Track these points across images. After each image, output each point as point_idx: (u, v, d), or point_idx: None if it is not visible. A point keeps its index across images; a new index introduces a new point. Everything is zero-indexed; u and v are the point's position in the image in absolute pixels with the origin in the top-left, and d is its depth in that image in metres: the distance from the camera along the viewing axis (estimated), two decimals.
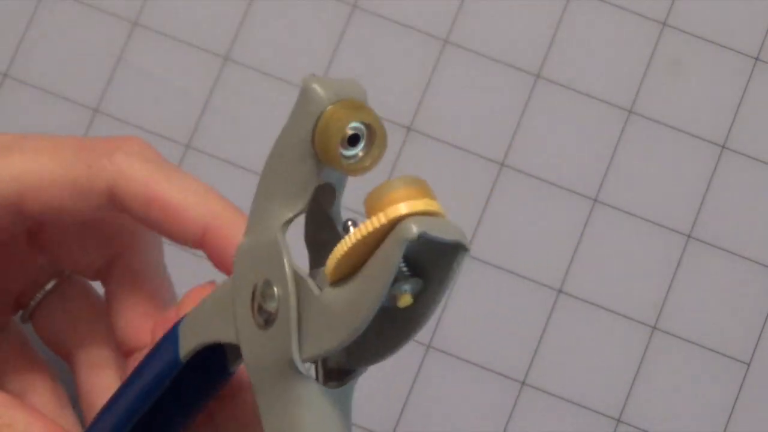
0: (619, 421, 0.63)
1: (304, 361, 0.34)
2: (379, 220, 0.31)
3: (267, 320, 0.34)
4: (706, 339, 0.63)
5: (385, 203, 0.31)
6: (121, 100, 0.65)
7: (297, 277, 0.34)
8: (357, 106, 0.33)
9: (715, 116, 0.65)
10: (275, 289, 0.34)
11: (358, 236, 0.32)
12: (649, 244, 0.64)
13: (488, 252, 0.63)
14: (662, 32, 0.66)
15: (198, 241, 0.42)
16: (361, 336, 0.33)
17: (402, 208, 0.31)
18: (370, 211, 0.32)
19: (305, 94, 0.34)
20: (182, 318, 0.38)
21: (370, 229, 0.31)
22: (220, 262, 0.41)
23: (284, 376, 0.33)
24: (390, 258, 0.31)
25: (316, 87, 0.34)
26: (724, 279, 0.64)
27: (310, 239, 0.36)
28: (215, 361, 0.39)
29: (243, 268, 0.35)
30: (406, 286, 0.33)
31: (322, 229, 0.36)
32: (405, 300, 0.33)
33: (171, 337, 0.38)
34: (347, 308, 0.32)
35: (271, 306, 0.34)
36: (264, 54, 0.65)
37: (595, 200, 0.64)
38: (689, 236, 0.64)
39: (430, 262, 0.33)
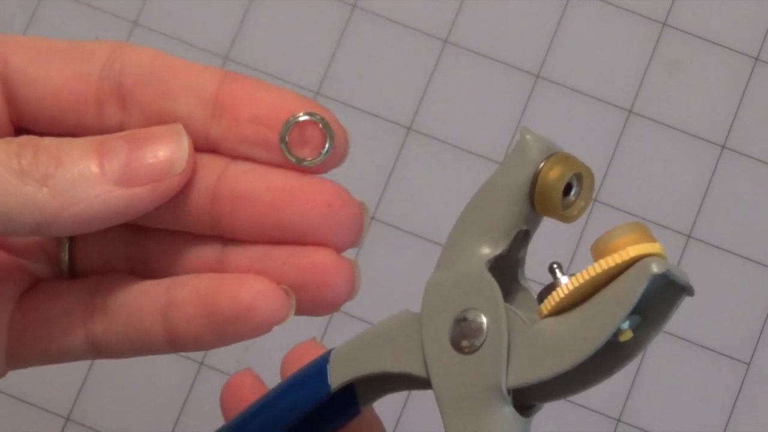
0: (619, 421, 0.62)
1: (508, 387, 0.36)
2: (621, 257, 0.34)
3: (469, 348, 0.36)
4: (706, 339, 0.63)
5: (619, 245, 0.34)
6: None
7: (506, 309, 0.36)
8: (568, 157, 0.37)
9: (715, 116, 0.65)
10: (484, 318, 0.36)
11: (597, 271, 0.34)
12: None
13: None
14: (662, 32, 0.66)
15: (210, 99, 0.34)
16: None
17: (645, 248, 0.34)
18: (601, 254, 0.34)
19: (523, 147, 0.38)
20: (330, 350, 0.40)
21: (612, 264, 0.34)
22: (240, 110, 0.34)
23: (483, 401, 0.36)
24: (632, 292, 0.33)
25: (533, 141, 0.38)
26: (724, 279, 0.64)
27: None
28: (348, 398, 0.40)
29: (438, 300, 0.37)
30: (628, 322, 0.35)
31: (504, 269, 0.38)
32: (626, 335, 0.35)
33: (320, 367, 0.39)
34: (572, 338, 0.34)
35: (476, 334, 0.36)
36: (264, 54, 0.65)
37: (595, 200, 0.64)
38: (689, 236, 0.64)
39: (648, 300, 0.34)
